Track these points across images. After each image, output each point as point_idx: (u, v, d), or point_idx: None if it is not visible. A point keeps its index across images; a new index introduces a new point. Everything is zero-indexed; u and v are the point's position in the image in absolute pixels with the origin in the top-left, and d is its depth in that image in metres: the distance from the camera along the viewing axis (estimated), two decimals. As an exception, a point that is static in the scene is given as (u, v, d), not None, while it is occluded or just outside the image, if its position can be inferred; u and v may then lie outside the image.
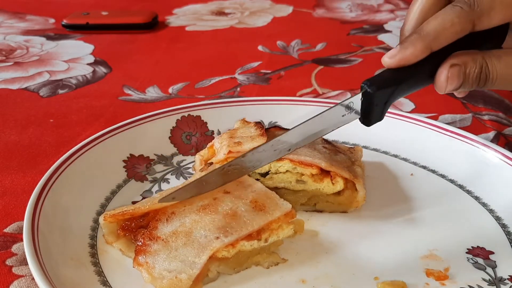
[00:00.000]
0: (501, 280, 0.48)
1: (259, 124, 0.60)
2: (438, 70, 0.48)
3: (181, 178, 0.63)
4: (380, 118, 0.48)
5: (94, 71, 0.98)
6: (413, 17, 0.50)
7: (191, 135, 0.70)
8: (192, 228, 0.47)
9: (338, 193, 0.57)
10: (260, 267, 0.50)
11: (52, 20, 1.29)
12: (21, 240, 0.47)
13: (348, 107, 0.47)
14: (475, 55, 0.48)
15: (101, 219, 0.50)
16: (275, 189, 0.57)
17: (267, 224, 0.48)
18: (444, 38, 0.47)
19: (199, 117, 0.71)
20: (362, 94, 0.47)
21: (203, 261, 0.45)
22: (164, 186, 0.62)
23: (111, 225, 0.50)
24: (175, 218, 0.48)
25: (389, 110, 0.73)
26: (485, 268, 0.50)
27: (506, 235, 0.54)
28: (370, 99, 0.46)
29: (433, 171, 0.65)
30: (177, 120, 0.70)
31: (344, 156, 0.59)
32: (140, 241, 0.47)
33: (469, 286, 0.48)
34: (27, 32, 1.20)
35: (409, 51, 0.46)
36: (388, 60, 0.47)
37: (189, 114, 0.71)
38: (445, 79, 0.48)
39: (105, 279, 0.47)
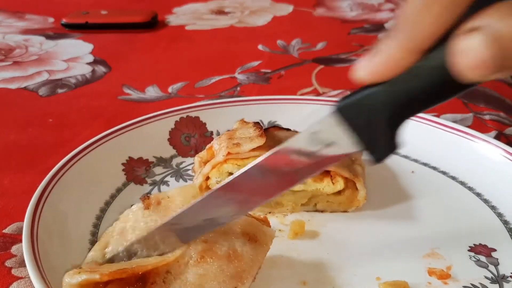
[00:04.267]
0: (503, 277, 0.48)
1: (257, 124, 0.59)
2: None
3: (180, 180, 0.63)
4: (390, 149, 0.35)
5: (93, 71, 0.97)
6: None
7: (190, 137, 0.69)
8: (202, 283, 0.41)
9: (339, 192, 0.56)
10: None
11: (51, 19, 1.28)
12: (21, 241, 0.46)
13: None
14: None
15: (72, 279, 0.39)
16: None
17: None
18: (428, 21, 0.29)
19: (197, 118, 0.71)
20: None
21: None
22: (163, 188, 0.61)
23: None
24: (173, 277, 0.41)
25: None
26: (488, 266, 0.49)
27: (508, 232, 0.54)
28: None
29: (434, 168, 0.65)
30: (176, 121, 0.69)
31: (344, 155, 0.59)
32: None
33: (471, 284, 0.47)
34: (26, 31, 1.19)
35: (377, 59, 0.31)
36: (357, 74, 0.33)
37: (187, 115, 0.70)
38: (461, 60, 0.27)
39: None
